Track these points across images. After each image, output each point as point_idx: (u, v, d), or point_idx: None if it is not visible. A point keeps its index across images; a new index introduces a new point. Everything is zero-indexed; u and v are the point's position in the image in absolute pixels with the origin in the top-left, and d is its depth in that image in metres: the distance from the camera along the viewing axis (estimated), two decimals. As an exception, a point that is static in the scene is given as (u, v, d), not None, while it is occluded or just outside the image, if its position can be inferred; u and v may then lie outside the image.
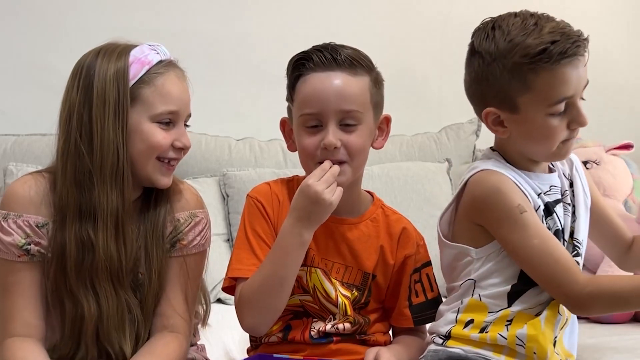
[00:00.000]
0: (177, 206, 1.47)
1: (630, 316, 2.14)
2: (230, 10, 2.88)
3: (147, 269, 1.41)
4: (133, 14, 2.79)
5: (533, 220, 1.33)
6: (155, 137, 1.40)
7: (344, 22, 2.85)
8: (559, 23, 1.34)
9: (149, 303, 1.42)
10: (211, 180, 2.58)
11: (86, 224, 1.36)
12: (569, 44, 1.30)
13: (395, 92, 2.95)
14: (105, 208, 1.36)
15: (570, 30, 1.33)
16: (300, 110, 1.39)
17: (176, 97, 1.42)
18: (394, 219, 1.50)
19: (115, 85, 1.37)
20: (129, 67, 1.39)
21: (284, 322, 1.45)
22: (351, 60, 1.38)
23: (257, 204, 1.44)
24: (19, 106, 2.69)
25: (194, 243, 1.46)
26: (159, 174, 1.42)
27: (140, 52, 1.42)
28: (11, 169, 2.43)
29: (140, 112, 1.39)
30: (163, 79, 1.41)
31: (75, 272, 1.36)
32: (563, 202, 1.42)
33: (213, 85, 2.85)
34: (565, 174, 1.46)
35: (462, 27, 3.24)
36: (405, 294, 1.47)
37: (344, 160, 1.38)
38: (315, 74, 1.38)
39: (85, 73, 1.38)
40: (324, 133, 1.37)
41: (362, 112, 1.39)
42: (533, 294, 1.36)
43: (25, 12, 2.77)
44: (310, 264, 1.43)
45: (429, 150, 2.78)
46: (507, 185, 1.35)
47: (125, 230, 1.38)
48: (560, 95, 1.32)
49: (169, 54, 1.47)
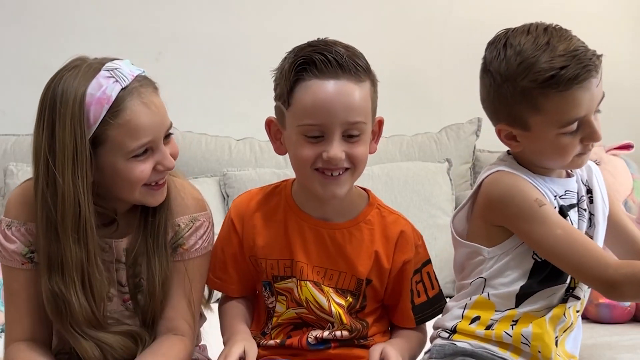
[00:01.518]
0: (177, 211, 1.43)
1: (631, 316, 2.14)
2: (231, 10, 2.88)
3: (148, 277, 1.39)
4: (133, 14, 2.79)
5: (552, 212, 1.34)
6: (133, 172, 1.32)
7: (344, 23, 2.85)
8: (571, 42, 1.31)
9: (152, 309, 1.40)
10: (211, 180, 2.58)
11: (55, 276, 1.32)
12: (580, 69, 1.27)
13: (395, 93, 2.98)
14: (71, 262, 1.31)
15: (583, 52, 1.29)
16: (301, 119, 1.32)
17: (146, 127, 1.31)
18: (391, 220, 1.44)
19: (72, 136, 1.27)
20: (87, 110, 1.28)
21: (285, 334, 1.43)
22: (355, 66, 1.31)
23: (229, 220, 1.46)
24: (19, 106, 2.67)
25: (195, 247, 1.44)
26: (149, 198, 1.37)
27: (98, 87, 1.29)
28: (11, 169, 2.43)
29: (113, 154, 1.31)
30: (127, 114, 1.29)
31: (57, 322, 1.35)
32: (579, 207, 1.41)
33: (213, 86, 2.85)
34: (583, 180, 1.44)
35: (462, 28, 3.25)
36: (407, 296, 1.44)
37: (346, 168, 1.34)
38: (318, 82, 1.30)
39: (48, 112, 1.29)
40: (326, 144, 1.31)
41: (367, 122, 1.34)
42: (542, 297, 1.36)
43: (25, 13, 2.77)
44: (300, 277, 1.40)
45: (429, 151, 2.78)
46: (521, 182, 1.36)
47: (92, 282, 1.34)
48: (572, 118, 1.31)
49: (131, 72, 1.33)
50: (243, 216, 1.45)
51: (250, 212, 1.45)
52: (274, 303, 1.44)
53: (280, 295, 1.43)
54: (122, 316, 1.42)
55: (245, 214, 1.45)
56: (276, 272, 1.42)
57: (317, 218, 1.42)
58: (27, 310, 1.37)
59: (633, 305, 2.15)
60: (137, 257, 1.40)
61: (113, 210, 1.40)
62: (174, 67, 2.74)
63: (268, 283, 1.44)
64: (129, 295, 1.42)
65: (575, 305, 1.39)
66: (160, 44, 2.75)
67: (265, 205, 1.45)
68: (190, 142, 2.66)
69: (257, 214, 1.44)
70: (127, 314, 1.43)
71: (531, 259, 1.37)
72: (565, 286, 1.37)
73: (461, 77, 3.11)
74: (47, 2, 2.77)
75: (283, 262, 1.42)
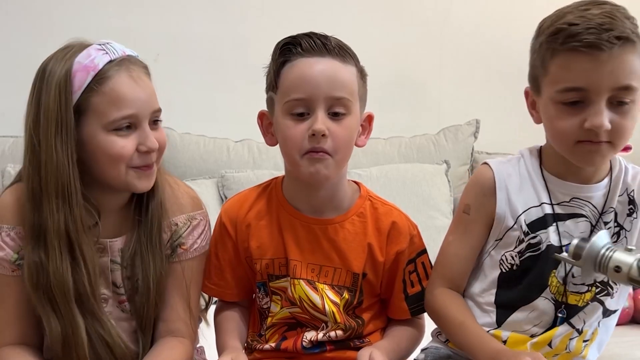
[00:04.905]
0: (173, 210, 1.42)
1: (629, 317, 2.14)
2: (229, 12, 2.88)
3: (143, 277, 1.37)
4: (132, 15, 2.79)
5: (467, 224, 1.36)
6: (114, 147, 1.29)
7: (343, 25, 2.83)
8: (605, 10, 1.20)
9: (147, 310, 1.39)
10: (209, 182, 2.57)
11: (38, 246, 1.30)
12: (588, 33, 1.17)
13: (393, 94, 2.98)
14: (52, 228, 1.29)
15: (606, 23, 1.18)
16: (287, 96, 1.32)
17: (130, 99, 1.29)
18: (383, 211, 1.43)
19: (56, 102, 1.27)
20: (73, 77, 1.27)
21: (279, 334, 1.43)
22: (340, 48, 1.34)
23: (221, 225, 1.46)
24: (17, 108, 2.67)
25: (194, 246, 1.44)
26: (135, 180, 1.33)
27: (86, 56, 1.29)
28: (9, 171, 2.43)
29: (93, 124, 1.29)
30: (112, 82, 1.28)
31: (33, 293, 1.31)
32: (587, 218, 1.32)
33: (212, 87, 2.85)
34: (628, 191, 1.34)
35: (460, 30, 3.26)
36: (400, 286, 1.43)
37: (328, 153, 1.32)
38: (303, 59, 1.32)
39: (37, 86, 1.30)
40: (312, 121, 1.31)
41: (352, 100, 1.33)
42: (524, 316, 1.34)
43: (23, 14, 2.77)
44: (293, 275, 1.40)
45: (427, 152, 2.79)
46: (477, 182, 1.36)
47: (82, 251, 1.31)
48: (566, 84, 1.22)
49: (123, 50, 1.33)
50: (235, 220, 1.45)
51: (242, 214, 1.44)
52: (268, 303, 1.44)
53: (274, 295, 1.43)
54: (119, 318, 1.41)
55: (238, 217, 1.44)
56: (272, 271, 1.42)
57: (308, 214, 1.41)
58: (17, 314, 1.36)
59: (631, 306, 2.16)
60: (132, 257, 1.38)
61: (99, 208, 1.36)
62: (172, 68, 2.74)
63: (262, 284, 1.44)
64: (125, 297, 1.41)
65: (570, 333, 1.34)
66: (158, 46, 2.75)
67: (257, 205, 1.45)
68: (188, 143, 2.66)
69: (249, 215, 1.44)
70: (124, 316, 1.41)
71: (498, 268, 1.35)
72: (548, 310, 1.33)
73: (460, 78, 3.13)
74: (45, 3, 2.77)
75: (278, 260, 1.42)
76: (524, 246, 1.33)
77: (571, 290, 1.33)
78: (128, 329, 1.41)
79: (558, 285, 1.32)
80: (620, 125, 1.23)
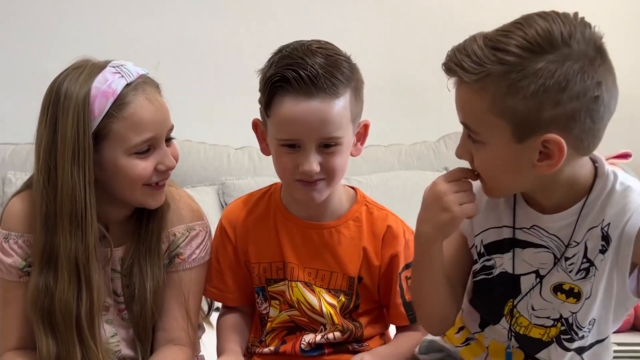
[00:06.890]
0: (172, 220, 1.42)
1: (630, 325, 2.14)
2: (230, 20, 2.89)
3: (140, 286, 1.38)
4: (133, 22, 2.80)
5: None
6: (135, 170, 1.31)
7: (342, 30, 2.85)
8: (497, 33, 1.17)
9: (143, 318, 1.39)
10: (210, 189, 2.58)
11: (47, 270, 1.31)
12: (447, 57, 1.18)
13: (393, 101, 2.98)
14: (64, 255, 1.29)
15: (472, 46, 1.16)
16: (278, 133, 1.32)
17: (149, 122, 1.31)
18: (378, 216, 1.43)
19: (74, 129, 1.27)
20: (92, 103, 1.28)
21: (279, 339, 1.44)
22: (331, 81, 1.28)
23: (222, 229, 1.47)
24: (18, 114, 2.68)
25: (192, 257, 1.43)
26: (149, 199, 1.36)
27: (103, 81, 1.30)
28: (10, 178, 2.44)
29: (114, 148, 1.30)
30: (132, 107, 1.30)
31: (33, 314, 1.32)
32: (548, 249, 1.19)
33: (212, 94, 2.86)
34: (602, 225, 1.15)
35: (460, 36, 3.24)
36: (397, 292, 1.43)
37: (322, 178, 1.34)
38: (292, 100, 1.28)
39: (52, 108, 1.29)
40: (302, 156, 1.31)
41: (343, 135, 1.32)
42: (496, 331, 1.29)
43: (23, 20, 2.77)
44: (291, 277, 1.41)
45: (427, 159, 2.79)
46: None
47: (90, 278, 1.31)
48: None
49: (136, 70, 1.35)
50: (235, 224, 1.46)
51: (241, 219, 1.46)
52: (267, 309, 1.45)
53: (273, 300, 1.44)
54: (119, 326, 1.42)
55: (237, 222, 1.46)
56: (269, 275, 1.43)
57: (305, 219, 1.42)
58: (22, 319, 1.36)
59: (632, 314, 2.15)
60: (131, 266, 1.39)
61: (106, 221, 1.38)
62: (173, 76, 2.73)
63: (261, 288, 1.45)
64: (124, 306, 1.41)
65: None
66: (159, 53, 2.76)
67: (256, 210, 1.46)
68: (188, 150, 2.66)
69: (249, 220, 1.46)
70: (124, 324, 1.42)
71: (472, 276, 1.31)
72: (499, 334, 1.28)
73: (459, 86, 3.13)
74: (45, 9, 2.78)
75: (275, 264, 1.43)
76: (479, 267, 1.28)
77: (535, 323, 1.23)
78: (127, 337, 1.42)
79: (517, 316, 1.24)
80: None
